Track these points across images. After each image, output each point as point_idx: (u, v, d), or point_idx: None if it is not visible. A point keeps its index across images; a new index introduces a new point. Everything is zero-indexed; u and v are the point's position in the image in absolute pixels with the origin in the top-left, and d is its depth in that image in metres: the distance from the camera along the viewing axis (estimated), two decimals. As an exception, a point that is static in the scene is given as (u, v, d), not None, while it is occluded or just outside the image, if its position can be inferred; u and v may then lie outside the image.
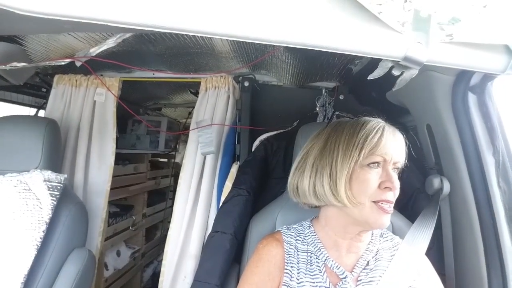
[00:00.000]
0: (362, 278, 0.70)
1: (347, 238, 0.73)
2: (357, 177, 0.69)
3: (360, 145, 0.69)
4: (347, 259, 0.73)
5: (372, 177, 0.68)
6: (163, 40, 1.07)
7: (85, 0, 0.38)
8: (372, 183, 0.68)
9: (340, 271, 0.71)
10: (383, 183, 0.67)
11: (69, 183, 1.32)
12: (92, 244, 1.33)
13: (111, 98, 1.39)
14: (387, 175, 0.68)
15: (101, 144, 1.39)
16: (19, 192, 0.97)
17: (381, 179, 0.68)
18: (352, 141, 0.71)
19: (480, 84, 0.78)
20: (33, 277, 0.90)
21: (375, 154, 0.68)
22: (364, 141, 0.69)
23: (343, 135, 0.73)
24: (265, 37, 0.42)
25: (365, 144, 0.69)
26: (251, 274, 0.75)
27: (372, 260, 0.73)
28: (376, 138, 0.69)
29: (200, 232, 1.26)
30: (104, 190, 1.37)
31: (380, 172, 0.69)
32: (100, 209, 1.37)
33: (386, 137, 0.69)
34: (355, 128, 0.72)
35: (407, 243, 0.77)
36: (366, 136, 0.70)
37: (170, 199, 2.53)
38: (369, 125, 0.71)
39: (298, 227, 0.81)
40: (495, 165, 0.81)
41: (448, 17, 0.42)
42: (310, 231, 0.78)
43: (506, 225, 0.79)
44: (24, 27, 0.76)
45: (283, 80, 1.40)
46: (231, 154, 1.35)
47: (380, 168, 0.69)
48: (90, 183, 1.37)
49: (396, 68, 0.48)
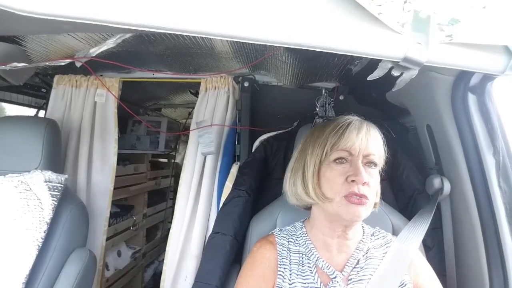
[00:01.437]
0: (352, 277, 0.71)
1: (334, 237, 0.74)
2: (324, 174, 0.71)
3: (323, 142, 0.71)
4: (338, 259, 0.74)
5: (337, 173, 0.69)
6: (163, 41, 1.07)
7: (84, 1, 0.38)
8: (337, 178, 0.69)
9: (330, 271, 0.71)
10: (349, 177, 0.68)
11: (72, 184, 1.34)
12: (97, 243, 1.36)
13: (112, 99, 1.40)
14: (354, 169, 0.68)
15: (103, 144, 1.40)
16: (20, 192, 0.98)
17: (348, 173, 0.68)
18: (318, 140, 0.73)
19: (480, 85, 0.78)
20: (34, 277, 0.90)
21: (339, 150, 0.70)
22: (326, 138, 0.71)
23: (314, 135, 0.76)
24: (265, 38, 0.42)
25: (328, 141, 0.70)
26: (246, 277, 0.76)
27: (363, 259, 0.73)
28: (339, 134, 0.70)
29: (201, 232, 1.27)
30: (107, 190, 1.39)
31: (348, 167, 0.69)
32: (104, 209, 1.39)
33: (349, 132, 0.69)
34: (324, 127, 0.74)
35: (400, 240, 0.78)
36: (329, 133, 0.71)
37: (170, 199, 2.53)
38: (335, 123, 0.73)
39: (291, 228, 0.82)
40: (495, 166, 0.81)
41: (448, 18, 0.42)
42: (302, 232, 0.79)
43: (507, 225, 0.79)
44: (23, 27, 0.76)
45: (283, 81, 1.40)
46: (231, 154, 1.35)
47: (348, 164, 0.70)
48: (94, 183, 1.39)
49: (395, 68, 0.48)
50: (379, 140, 0.73)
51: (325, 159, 0.71)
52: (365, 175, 0.67)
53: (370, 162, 0.70)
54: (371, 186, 0.69)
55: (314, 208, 0.78)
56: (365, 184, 0.67)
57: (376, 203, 0.75)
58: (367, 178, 0.67)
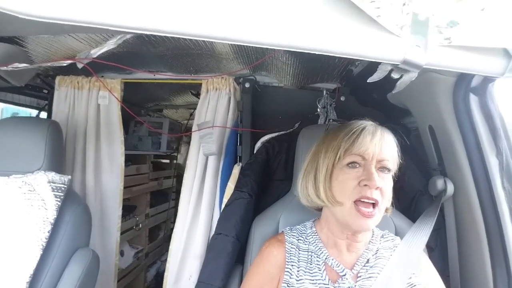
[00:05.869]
0: (361, 274, 0.72)
1: (344, 238, 0.75)
2: (336, 178, 0.71)
3: (337, 146, 0.72)
4: (348, 258, 0.74)
5: (350, 177, 0.69)
6: (164, 42, 1.07)
7: (85, 4, 0.39)
8: (349, 182, 0.69)
9: (340, 268, 0.72)
10: (362, 181, 0.68)
11: (82, 185, 1.39)
12: (112, 239, 1.43)
13: (115, 101, 1.41)
14: (367, 173, 0.68)
15: (110, 146, 1.42)
16: (24, 193, 0.98)
17: (361, 177, 0.68)
18: (332, 143, 0.73)
19: (481, 85, 0.78)
20: (38, 277, 0.91)
21: (353, 154, 0.70)
22: (340, 142, 0.71)
23: (327, 138, 0.76)
24: (264, 41, 0.43)
25: (342, 145, 0.71)
26: (252, 274, 0.78)
27: (373, 258, 0.74)
28: (353, 138, 0.70)
29: (204, 232, 1.28)
30: (118, 189, 1.43)
31: (361, 171, 0.69)
32: (116, 207, 1.43)
33: (363, 136, 0.69)
34: (338, 131, 0.74)
35: (406, 241, 0.78)
36: (343, 137, 0.71)
37: (172, 200, 2.54)
38: (350, 127, 0.73)
39: (301, 227, 0.83)
40: (498, 166, 0.80)
41: (447, 20, 0.42)
42: (312, 231, 0.80)
43: (511, 226, 0.79)
44: (24, 28, 0.76)
45: (284, 82, 1.40)
46: (233, 155, 1.35)
47: (361, 168, 0.70)
48: (104, 184, 1.43)
49: (395, 71, 0.48)
50: (393, 146, 0.73)
51: (338, 163, 0.72)
52: (378, 180, 0.67)
53: (383, 167, 0.70)
54: (384, 191, 0.69)
55: (325, 209, 0.78)
56: (377, 189, 0.67)
57: (388, 208, 0.75)
58: (380, 183, 0.67)
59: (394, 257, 0.73)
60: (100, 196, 1.42)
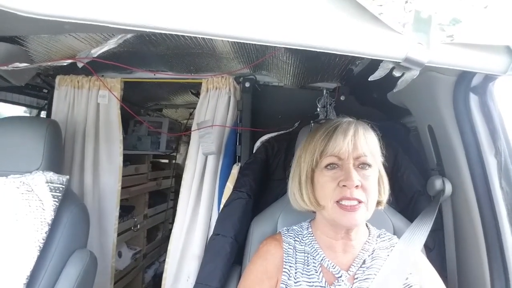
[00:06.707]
0: (358, 276, 0.71)
1: (338, 238, 0.74)
2: (317, 181, 0.72)
3: (313, 149, 0.72)
4: (344, 259, 0.74)
5: (329, 178, 0.69)
6: (164, 41, 1.07)
7: (85, 2, 0.39)
8: (329, 184, 0.69)
9: (336, 270, 0.72)
10: (341, 182, 0.67)
11: (79, 184, 1.37)
12: (109, 241, 1.42)
13: (115, 100, 1.40)
14: (345, 173, 0.67)
15: (109, 145, 1.42)
16: (22, 193, 0.98)
17: (339, 178, 0.68)
18: (310, 146, 0.73)
19: (481, 85, 0.78)
20: (35, 278, 0.90)
21: (328, 156, 0.70)
22: (316, 145, 0.71)
23: (306, 141, 0.76)
24: (266, 38, 0.42)
25: (317, 148, 0.71)
26: (249, 271, 0.78)
27: (369, 259, 0.73)
28: (326, 140, 0.70)
29: (203, 232, 1.27)
30: (115, 190, 1.42)
31: (339, 172, 0.69)
32: (113, 208, 1.42)
33: (336, 136, 0.69)
34: (315, 133, 0.74)
35: (404, 241, 0.78)
36: (317, 139, 0.71)
37: (171, 200, 2.53)
38: (323, 128, 0.72)
39: (297, 228, 0.83)
40: (497, 166, 0.80)
41: (449, 18, 0.42)
42: (308, 232, 0.79)
43: (508, 226, 0.79)
44: (24, 27, 0.76)
45: (284, 81, 1.40)
46: (232, 155, 1.35)
47: (339, 168, 0.69)
48: (102, 184, 1.42)
49: (397, 69, 0.48)
50: (370, 139, 0.71)
51: (317, 166, 0.72)
52: (356, 178, 0.66)
53: (362, 163, 0.69)
54: (366, 187, 0.67)
55: (316, 212, 0.78)
56: (358, 187, 0.66)
57: (381, 202, 0.74)
58: (359, 181, 0.66)
59: (391, 257, 0.73)
60: (98, 196, 1.41)
